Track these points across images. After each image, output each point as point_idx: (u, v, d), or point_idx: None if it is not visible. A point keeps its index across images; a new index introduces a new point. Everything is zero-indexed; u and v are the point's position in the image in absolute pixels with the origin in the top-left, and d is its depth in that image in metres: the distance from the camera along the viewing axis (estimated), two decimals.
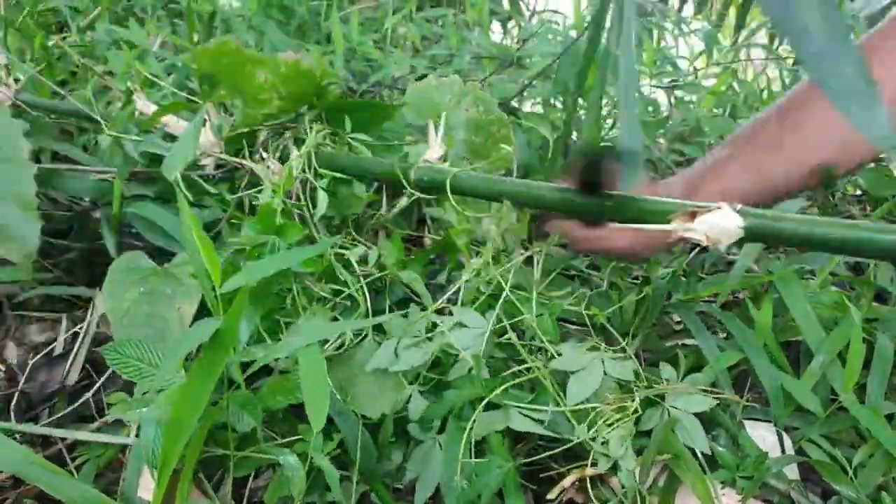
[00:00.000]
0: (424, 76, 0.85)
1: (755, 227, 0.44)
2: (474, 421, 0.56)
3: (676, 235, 0.46)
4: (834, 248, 0.42)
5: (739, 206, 0.44)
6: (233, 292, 0.44)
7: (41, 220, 0.75)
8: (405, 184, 0.65)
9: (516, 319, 0.63)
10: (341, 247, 0.68)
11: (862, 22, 1.24)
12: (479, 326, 0.62)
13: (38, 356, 0.72)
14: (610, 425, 0.57)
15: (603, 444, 0.56)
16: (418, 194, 0.66)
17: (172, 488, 0.46)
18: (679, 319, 0.76)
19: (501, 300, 0.62)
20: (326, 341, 0.61)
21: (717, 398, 0.61)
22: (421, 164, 0.65)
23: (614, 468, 0.57)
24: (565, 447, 0.58)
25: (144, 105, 0.81)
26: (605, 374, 0.59)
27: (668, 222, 0.46)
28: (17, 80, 0.88)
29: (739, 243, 0.45)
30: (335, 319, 0.63)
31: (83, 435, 0.59)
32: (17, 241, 0.64)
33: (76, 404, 0.67)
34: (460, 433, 0.56)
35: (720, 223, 0.44)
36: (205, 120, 0.73)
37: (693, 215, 0.45)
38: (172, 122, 0.80)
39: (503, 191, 0.60)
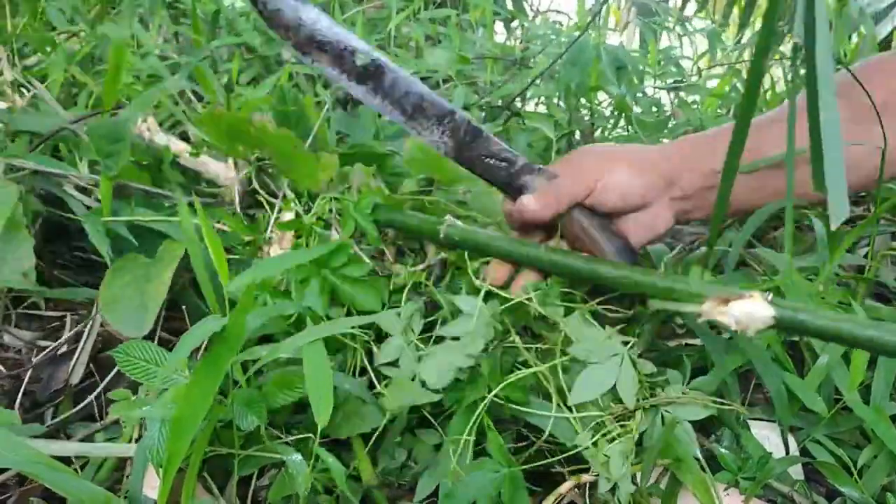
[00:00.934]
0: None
1: (785, 319, 0.46)
2: (477, 418, 0.56)
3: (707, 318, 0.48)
4: (862, 345, 0.44)
5: (770, 296, 0.46)
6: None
7: (41, 222, 0.76)
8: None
9: (516, 300, 0.62)
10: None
11: (868, 18, 1.23)
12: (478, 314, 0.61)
13: (42, 355, 0.73)
14: (612, 440, 0.57)
15: (603, 464, 0.56)
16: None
17: (178, 486, 0.46)
18: (682, 322, 0.76)
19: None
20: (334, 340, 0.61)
21: (720, 406, 0.61)
22: (450, 223, 0.64)
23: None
24: (567, 455, 0.58)
25: (173, 143, 0.78)
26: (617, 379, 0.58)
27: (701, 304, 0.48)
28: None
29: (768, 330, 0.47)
30: None
31: (86, 448, 0.59)
32: (10, 263, 0.65)
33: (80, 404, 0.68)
34: (463, 427, 0.56)
35: (752, 311, 0.46)
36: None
37: (726, 301, 0.47)
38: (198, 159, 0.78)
39: (531, 256, 0.61)
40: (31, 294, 0.77)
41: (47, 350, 0.73)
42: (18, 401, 0.68)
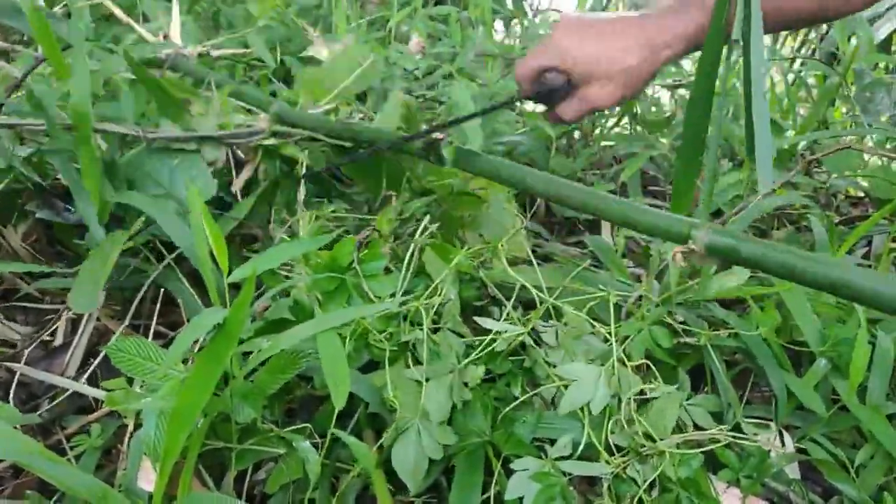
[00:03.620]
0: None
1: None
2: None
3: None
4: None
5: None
6: None
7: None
8: None
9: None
10: None
11: (864, 22, 1.24)
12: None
13: (37, 347, 0.72)
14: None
15: None
16: None
17: (174, 479, 0.46)
18: (682, 319, 0.76)
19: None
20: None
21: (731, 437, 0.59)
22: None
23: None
24: None
25: None
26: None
27: None
28: None
29: None
30: None
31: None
32: None
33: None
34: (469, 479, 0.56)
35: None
36: None
37: None
38: None
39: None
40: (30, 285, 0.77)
41: (40, 337, 0.73)
42: (13, 392, 0.68)
